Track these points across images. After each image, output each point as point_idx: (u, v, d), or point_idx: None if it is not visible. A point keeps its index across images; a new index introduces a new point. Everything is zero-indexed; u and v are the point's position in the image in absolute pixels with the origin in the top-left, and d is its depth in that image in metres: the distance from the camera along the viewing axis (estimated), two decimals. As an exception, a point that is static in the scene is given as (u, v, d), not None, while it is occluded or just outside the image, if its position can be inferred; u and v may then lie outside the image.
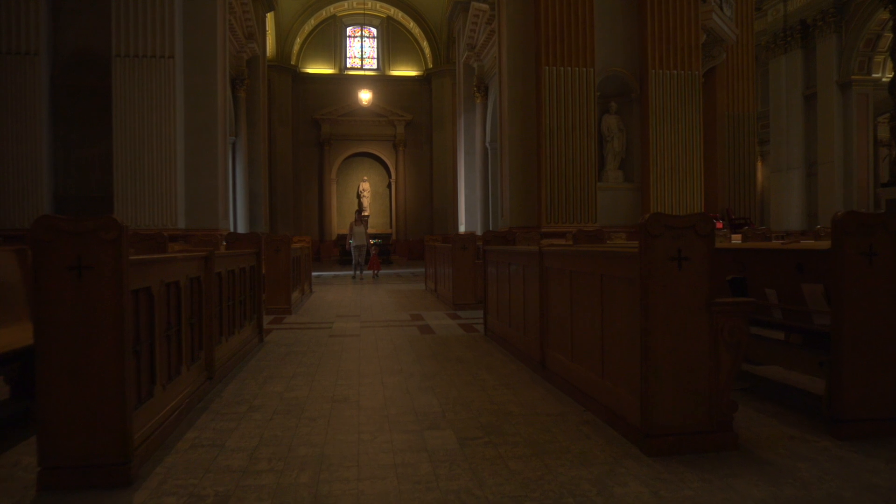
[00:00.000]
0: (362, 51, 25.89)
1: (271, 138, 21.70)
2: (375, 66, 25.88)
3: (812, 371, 3.56)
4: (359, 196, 25.32)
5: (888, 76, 18.44)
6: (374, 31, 25.86)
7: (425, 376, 4.74)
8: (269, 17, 19.58)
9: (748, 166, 15.97)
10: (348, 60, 25.68)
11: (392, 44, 25.76)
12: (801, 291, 3.57)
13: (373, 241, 17.79)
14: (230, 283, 5.35)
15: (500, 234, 7.79)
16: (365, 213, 23.65)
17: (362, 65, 25.84)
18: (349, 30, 25.69)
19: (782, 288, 3.78)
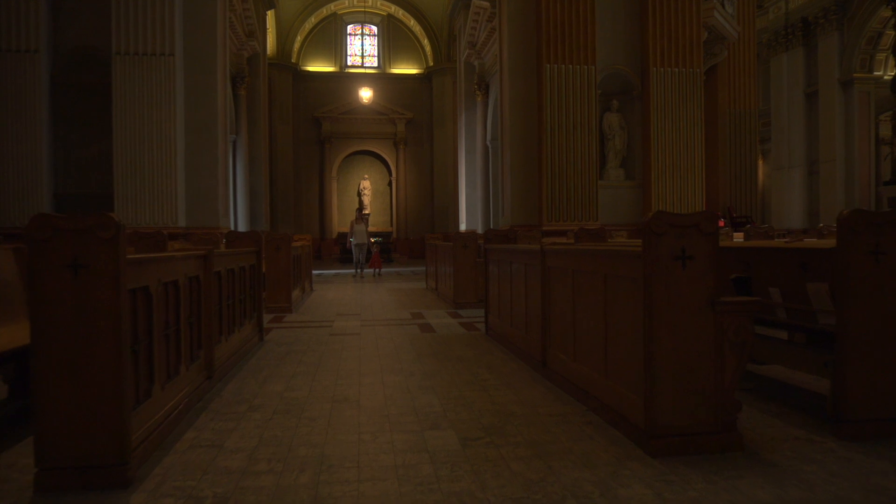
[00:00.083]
0: (363, 49, 25.85)
1: (272, 136, 21.68)
2: (376, 64, 25.84)
3: (817, 371, 3.53)
4: (359, 194, 25.29)
5: (890, 74, 18.40)
6: (374, 28, 25.81)
7: (426, 375, 4.71)
8: (270, 14, 19.55)
9: (749, 164, 15.93)
10: (349, 58, 25.64)
11: (393, 42, 25.71)
12: (806, 290, 3.54)
13: (374, 240, 17.76)
14: (230, 281, 5.32)
15: (501, 232, 7.77)
16: (366, 211, 23.63)
17: (363, 63, 25.80)
18: (350, 28, 25.65)
19: (786, 287, 3.75)
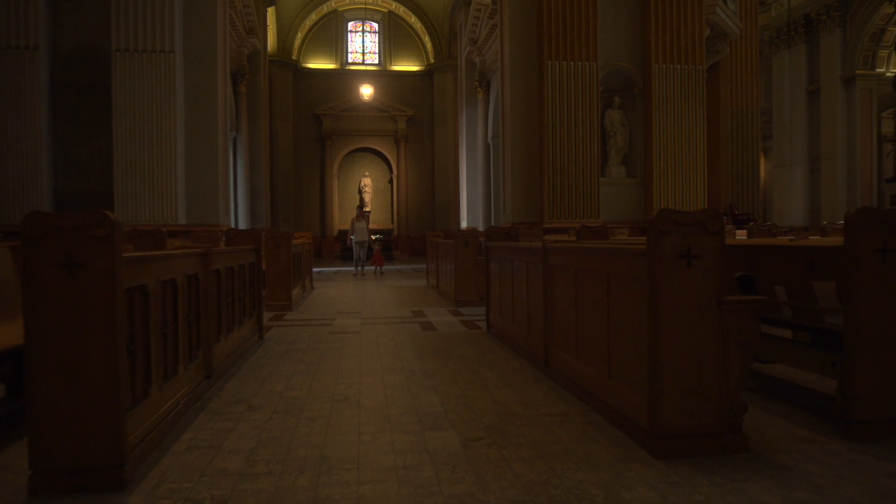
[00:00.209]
0: (364, 46, 25.77)
1: (272, 134, 21.61)
2: (377, 61, 25.76)
3: (822, 370, 3.48)
4: (360, 192, 25.23)
5: (892, 71, 18.31)
6: (375, 25, 25.73)
7: (427, 374, 4.67)
8: (270, 11, 19.46)
9: (751, 162, 15.85)
10: (350, 55, 25.56)
11: (393, 39, 25.63)
12: (812, 289, 3.49)
13: (374, 237, 17.71)
14: (229, 279, 5.28)
15: (502, 229, 7.72)
16: (366, 208, 23.58)
17: (364, 60, 25.72)
18: (350, 25, 25.57)
19: (792, 285, 3.70)
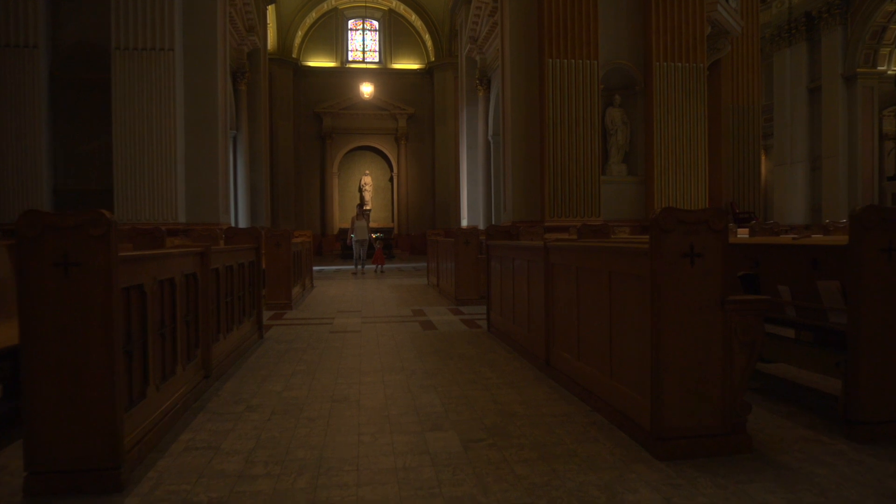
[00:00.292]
0: (364, 44, 25.72)
1: (273, 132, 21.57)
2: (377, 60, 25.70)
3: (826, 370, 3.45)
4: (360, 190, 25.20)
5: (894, 69, 18.26)
6: (375, 23, 25.67)
7: (427, 374, 4.64)
8: (270, 9, 19.41)
9: (752, 160, 15.81)
10: (350, 53, 25.51)
11: (394, 37, 25.58)
12: (816, 288, 3.46)
13: (375, 236, 17.68)
14: (228, 278, 5.25)
15: (503, 228, 7.70)
16: (367, 207, 23.54)
17: (364, 58, 25.67)
18: (351, 23, 25.51)
19: (796, 284, 3.67)
